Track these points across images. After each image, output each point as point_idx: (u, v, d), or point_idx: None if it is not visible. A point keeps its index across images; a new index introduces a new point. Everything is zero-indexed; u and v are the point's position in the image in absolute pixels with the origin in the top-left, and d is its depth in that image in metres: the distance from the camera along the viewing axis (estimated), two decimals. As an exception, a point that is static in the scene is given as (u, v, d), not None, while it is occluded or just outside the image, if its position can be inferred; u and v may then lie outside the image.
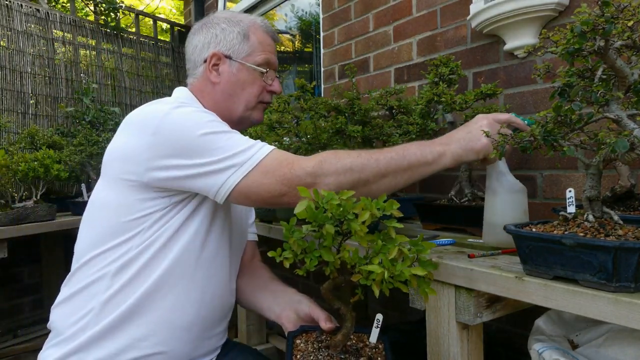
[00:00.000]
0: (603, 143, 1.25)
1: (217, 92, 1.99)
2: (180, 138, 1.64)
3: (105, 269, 1.73)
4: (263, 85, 2.03)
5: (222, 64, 1.98)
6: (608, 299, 1.18)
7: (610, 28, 1.21)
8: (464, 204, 2.26)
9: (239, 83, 1.98)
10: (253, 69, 1.99)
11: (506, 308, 1.62)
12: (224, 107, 1.99)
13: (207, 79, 2.00)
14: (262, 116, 2.10)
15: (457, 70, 2.36)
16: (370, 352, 1.55)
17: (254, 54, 2.00)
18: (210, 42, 2.00)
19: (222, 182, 1.61)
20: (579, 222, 1.34)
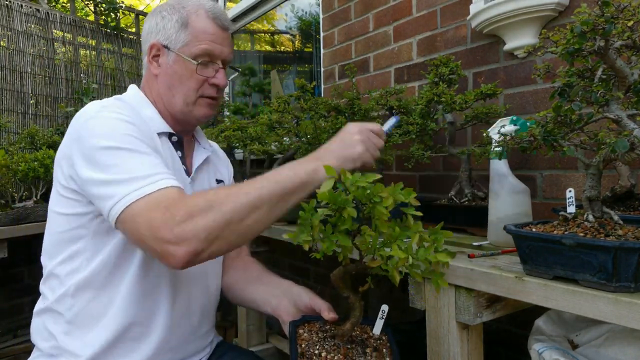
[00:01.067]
0: (603, 143, 1.26)
1: (159, 85, 1.90)
2: (88, 146, 1.57)
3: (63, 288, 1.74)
4: (203, 79, 1.87)
5: (161, 55, 1.88)
6: (608, 299, 1.18)
7: (610, 28, 1.21)
8: (464, 204, 2.26)
9: (176, 76, 1.86)
10: (189, 61, 1.84)
11: (506, 308, 1.62)
12: (166, 101, 1.90)
13: (149, 71, 1.92)
14: (210, 112, 1.95)
15: (457, 70, 2.36)
16: (375, 343, 1.56)
17: (191, 44, 1.84)
18: (152, 32, 1.90)
19: (110, 206, 1.50)
20: (579, 222, 1.34)
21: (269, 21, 6.28)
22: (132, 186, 1.48)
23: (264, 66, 6.33)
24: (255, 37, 6.55)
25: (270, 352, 3.51)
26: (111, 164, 1.53)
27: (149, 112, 1.86)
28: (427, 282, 1.70)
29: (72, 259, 1.73)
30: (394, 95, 2.76)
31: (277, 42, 6.48)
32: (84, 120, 1.65)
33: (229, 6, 6.00)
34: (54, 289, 1.77)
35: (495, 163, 1.88)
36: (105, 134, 1.58)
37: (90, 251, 1.71)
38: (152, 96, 1.92)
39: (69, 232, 1.73)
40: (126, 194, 1.47)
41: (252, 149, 3.37)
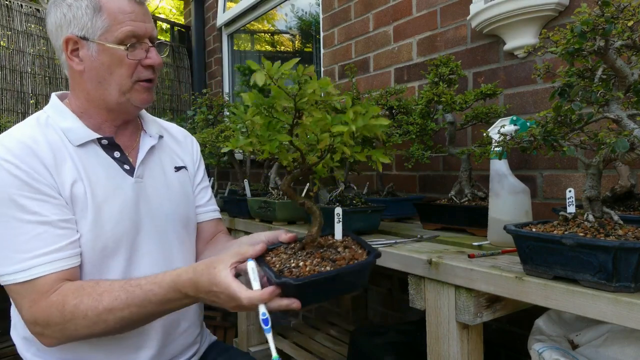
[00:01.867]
0: (603, 143, 1.26)
1: (86, 82, 1.74)
2: None
3: None
4: (135, 62, 1.72)
5: (80, 49, 1.70)
6: (608, 299, 1.18)
7: (610, 28, 1.21)
8: (464, 204, 2.26)
9: (104, 67, 1.70)
10: (116, 48, 1.68)
11: (506, 308, 1.62)
12: (97, 97, 1.75)
13: (73, 69, 1.74)
14: (149, 96, 1.82)
15: (457, 70, 2.36)
16: (343, 244, 1.51)
17: (112, 29, 1.67)
18: (62, 24, 1.70)
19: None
20: (579, 222, 1.34)
21: (269, 21, 6.28)
22: (7, 268, 1.50)
23: (264, 66, 6.31)
24: (255, 37, 6.55)
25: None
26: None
27: (67, 124, 1.74)
28: (427, 282, 1.70)
29: None
30: (394, 95, 2.77)
31: (277, 42, 6.47)
32: None
33: (229, 6, 6.00)
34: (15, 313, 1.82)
35: (495, 163, 1.88)
36: None
37: None
38: (78, 97, 1.79)
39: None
40: (2, 273, 1.51)
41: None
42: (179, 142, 2.12)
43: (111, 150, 1.80)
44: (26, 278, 1.49)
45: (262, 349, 3.44)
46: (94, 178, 1.71)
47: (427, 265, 1.67)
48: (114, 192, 1.74)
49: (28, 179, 1.56)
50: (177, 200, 1.95)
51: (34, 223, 1.54)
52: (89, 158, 1.73)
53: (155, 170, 1.91)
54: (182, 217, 1.97)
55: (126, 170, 1.80)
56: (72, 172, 1.66)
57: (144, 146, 1.90)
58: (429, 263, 1.66)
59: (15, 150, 1.59)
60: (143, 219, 1.81)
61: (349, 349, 2.90)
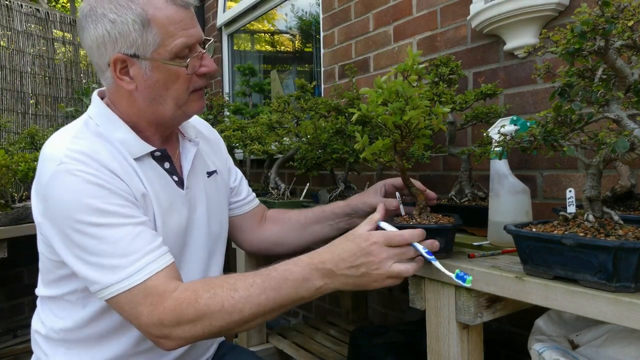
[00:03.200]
0: (603, 143, 1.26)
1: (138, 100, 1.64)
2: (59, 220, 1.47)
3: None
4: (190, 75, 1.63)
5: (131, 67, 1.58)
6: (608, 299, 1.18)
7: (611, 28, 1.21)
8: (464, 204, 2.26)
9: (159, 84, 1.60)
10: (173, 65, 1.59)
11: (506, 308, 1.62)
12: (151, 113, 1.66)
13: (121, 88, 1.63)
14: (203, 103, 1.75)
15: (457, 70, 2.36)
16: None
17: (165, 43, 1.56)
18: (106, 43, 1.56)
19: (94, 290, 1.46)
20: (579, 222, 1.34)
21: (269, 21, 6.28)
22: (115, 276, 1.42)
23: (264, 66, 6.33)
24: (255, 37, 6.55)
25: (270, 352, 3.51)
26: (86, 245, 1.44)
27: (121, 135, 1.65)
28: (427, 282, 1.70)
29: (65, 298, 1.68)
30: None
31: (277, 42, 6.47)
32: (46, 180, 1.49)
33: (229, 5, 6.00)
34: (49, 316, 1.74)
35: (496, 163, 1.87)
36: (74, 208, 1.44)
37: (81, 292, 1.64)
38: (126, 112, 1.69)
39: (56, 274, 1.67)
40: (108, 284, 1.42)
41: (252, 149, 3.37)
42: (209, 142, 2.06)
43: (162, 162, 1.74)
44: (142, 279, 1.42)
45: (262, 348, 3.44)
46: (156, 192, 1.67)
47: (427, 264, 1.67)
48: (171, 206, 1.71)
49: (109, 186, 1.50)
50: (214, 209, 1.93)
51: (130, 225, 1.48)
52: (147, 171, 1.67)
53: (196, 179, 1.86)
54: (221, 229, 1.98)
55: (176, 182, 1.76)
56: (138, 184, 1.62)
57: (187, 154, 1.85)
58: (428, 262, 1.66)
59: (85, 160, 1.51)
60: (189, 235, 1.79)
61: (349, 349, 2.90)
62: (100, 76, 1.69)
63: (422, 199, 1.69)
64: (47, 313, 1.75)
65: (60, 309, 1.70)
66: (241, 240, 2.17)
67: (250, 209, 2.16)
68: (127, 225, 1.47)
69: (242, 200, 2.13)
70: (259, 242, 2.14)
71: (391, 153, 1.64)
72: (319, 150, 2.63)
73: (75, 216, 1.44)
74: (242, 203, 2.13)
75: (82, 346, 1.68)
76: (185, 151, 1.85)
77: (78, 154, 1.51)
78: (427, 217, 1.65)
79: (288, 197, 3.17)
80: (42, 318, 1.77)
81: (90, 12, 1.56)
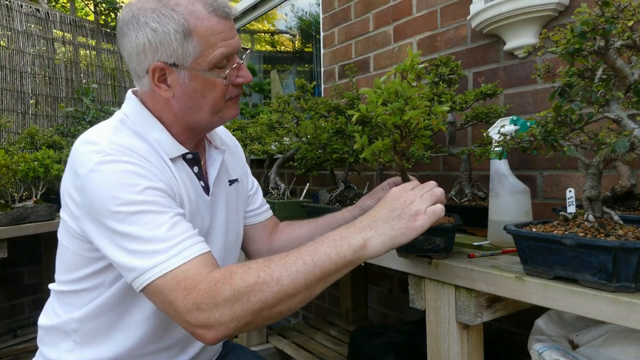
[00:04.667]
0: (603, 143, 1.26)
1: (175, 107, 1.65)
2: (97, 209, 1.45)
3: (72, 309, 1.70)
4: (228, 85, 1.65)
5: (169, 75, 1.59)
6: (608, 299, 1.18)
7: (611, 28, 1.21)
8: (464, 204, 2.26)
9: (196, 93, 1.61)
10: (212, 75, 1.60)
11: (506, 308, 1.62)
12: (187, 120, 1.68)
13: (157, 94, 1.64)
14: (238, 109, 1.77)
15: (457, 70, 2.36)
16: None
17: (205, 54, 1.57)
18: (146, 50, 1.57)
19: (130, 279, 1.42)
20: (579, 222, 1.34)
21: (269, 21, 6.28)
22: (151, 260, 1.37)
23: (264, 66, 6.33)
24: (255, 37, 6.55)
25: (270, 352, 3.51)
26: (126, 231, 1.41)
27: (157, 135, 1.66)
28: (427, 282, 1.70)
29: (87, 292, 1.67)
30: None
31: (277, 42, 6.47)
32: (88, 170, 1.47)
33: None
34: (64, 309, 1.73)
35: (496, 163, 1.88)
36: (113, 196, 1.43)
37: (105, 284, 1.63)
38: (162, 117, 1.69)
39: (84, 270, 1.65)
40: (146, 269, 1.38)
41: (252, 149, 3.37)
42: (232, 151, 2.05)
43: (192, 165, 1.74)
44: (177, 264, 1.37)
45: (262, 348, 3.45)
46: (188, 193, 1.67)
47: (427, 265, 1.67)
48: (198, 211, 1.71)
49: (151, 176, 1.50)
50: (234, 218, 1.93)
51: (169, 214, 1.46)
52: (181, 172, 1.68)
53: (219, 187, 1.85)
54: (237, 237, 1.98)
55: (202, 188, 1.76)
56: (174, 182, 1.62)
57: (214, 161, 1.85)
58: (429, 263, 1.66)
59: (128, 152, 1.52)
60: (210, 241, 1.78)
61: (349, 349, 2.91)
62: (136, 81, 1.69)
63: None
64: (61, 305, 1.75)
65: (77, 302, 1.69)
66: (252, 251, 2.14)
67: (263, 219, 2.14)
68: (166, 213, 1.46)
69: (256, 209, 2.12)
70: (268, 252, 2.07)
71: (391, 153, 1.64)
72: (319, 150, 2.63)
73: (115, 204, 1.42)
74: (255, 213, 2.12)
75: (92, 339, 1.68)
76: (212, 158, 1.85)
77: (121, 147, 1.52)
78: None
79: (288, 197, 3.17)
80: (55, 310, 1.76)
81: (132, 20, 1.57)
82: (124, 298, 1.62)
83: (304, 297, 1.37)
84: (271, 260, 1.37)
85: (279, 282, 1.32)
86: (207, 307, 1.32)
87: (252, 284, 1.32)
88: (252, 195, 2.12)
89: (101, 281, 1.63)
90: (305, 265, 1.34)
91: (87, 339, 1.68)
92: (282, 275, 1.33)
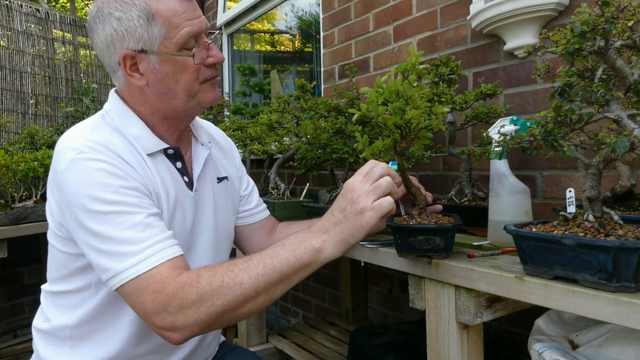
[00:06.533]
0: (603, 143, 1.26)
1: (150, 96, 1.67)
2: (73, 206, 1.48)
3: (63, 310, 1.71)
4: (198, 65, 1.65)
5: (140, 62, 1.61)
6: (608, 299, 1.18)
7: (610, 28, 1.21)
8: (464, 204, 2.26)
9: (168, 78, 1.63)
10: (181, 56, 1.61)
11: (506, 308, 1.62)
12: (164, 108, 1.69)
13: (132, 85, 1.67)
14: (216, 93, 1.76)
15: (457, 70, 2.36)
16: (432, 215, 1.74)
17: (170, 35, 1.59)
18: (114, 41, 1.60)
19: (105, 278, 1.45)
20: (579, 222, 1.34)
21: (269, 21, 6.28)
22: (124, 263, 1.41)
23: (264, 66, 6.33)
24: (255, 37, 6.55)
25: (270, 352, 3.51)
26: (99, 231, 1.44)
27: (136, 130, 1.68)
28: (427, 282, 1.70)
29: (76, 293, 1.69)
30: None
31: (277, 42, 6.47)
32: (63, 168, 1.51)
33: (229, 6, 6.00)
34: (58, 311, 1.74)
35: (495, 163, 1.88)
36: (87, 194, 1.46)
37: (92, 285, 1.65)
38: (142, 110, 1.72)
39: (70, 267, 1.67)
40: (118, 271, 1.41)
41: (252, 149, 3.37)
42: (223, 149, 2.07)
43: (174, 160, 1.76)
44: (148, 267, 1.40)
45: (262, 348, 3.45)
46: (166, 189, 1.68)
47: (427, 265, 1.67)
48: (179, 206, 1.72)
49: (125, 176, 1.53)
50: (223, 216, 1.94)
51: (142, 214, 1.48)
52: (160, 167, 1.69)
53: (206, 183, 1.87)
54: (227, 235, 1.98)
55: (186, 183, 1.77)
56: (152, 179, 1.64)
57: (199, 157, 1.86)
58: (429, 263, 1.66)
59: (102, 150, 1.54)
60: (196, 237, 1.80)
61: (349, 349, 2.91)
62: (112, 77, 1.73)
63: (422, 199, 1.69)
64: (53, 309, 1.75)
65: (69, 304, 1.70)
66: (250, 250, 2.15)
67: (260, 219, 2.15)
68: (139, 214, 1.48)
69: (251, 209, 2.13)
70: None
71: (391, 153, 1.64)
72: (319, 150, 2.63)
73: (89, 203, 1.45)
74: (251, 212, 2.13)
75: (86, 342, 1.68)
76: (197, 154, 1.87)
77: (96, 144, 1.54)
78: (427, 217, 1.65)
79: (288, 197, 3.17)
80: (47, 314, 1.77)
81: (98, 14, 1.60)
82: (113, 300, 1.63)
83: (265, 299, 1.44)
84: (235, 264, 1.44)
85: (241, 285, 1.39)
86: (174, 310, 1.37)
87: (217, 287, 1.39)
88: (247, 195, 2.14)
89: (88, 282, 1.65)
90: (266, 268, 1.42)
91: (82, 342, 1.70)
92: (244, 279, 1.40)
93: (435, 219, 1.67)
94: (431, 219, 1.65)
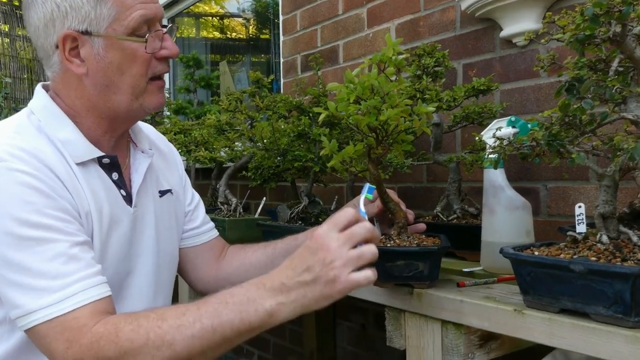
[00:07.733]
0: (619, 149, 1.26)
1: (89, 88, 1.63)
2: None
3: None
4: (149, 56, 1.64)
5: (82, 46, 1.58)
6: (625, 336, 1.18)
7: (628, 10, 1.21)
8: (452, 222, 2.27)
9: (113, 67, 1.60)
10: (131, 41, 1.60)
11: (503, 347, 1.62)
12: (103, 105, 1.66)
13: (69, 72, 1.62)
14: (162, 98, 1.75)
15: (444, 61, 2.37)
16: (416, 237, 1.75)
17: (121, 17, 1.57)
18: (54, 19, 1.56)
19: (15, 315, 1.42)
20: (591, 244, 1.34)
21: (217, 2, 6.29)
22: (39, 301, 1.37)
23: (211, 56, 6.33)
24: (201, 22, 6.55)
25: None
26: (14, 259, 1.41)
27: (64, 135, 1.63)
28: (408, 316, 1.69)
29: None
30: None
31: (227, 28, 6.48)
32: None
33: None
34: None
35: (490, 173, 1.88)
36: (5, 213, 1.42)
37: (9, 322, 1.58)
38: (73, 105, 1.68)
39: None
40: (31, 310, 1.37)
41: (198, 156, 3.35)
42: (165, 157, 2.05)
43: (110, 171, 1.72)
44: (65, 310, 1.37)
45: None
46: (99, 206, 1.64)
47: (407, 295, 1.66)
48: (114, 225, 1.68)
49: (52, 194, 1.49)
50: (165, 235, 1.91)
51: (67, 243, 1.44)
52: (92, 179, 1.65)
53: (146, 197, 1.84)
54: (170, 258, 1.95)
55: (123, 197, 1.74)
56: (81, 193, 1.60)
57: (138, 167, 1.84)
58: (410, 293, 1.65)
59: (29, 160, 1.50)
60: (135, 260, 1.78)
61: (314, 399, 2.90)
62: (45, 64, 1.69)
63: (402, 216, 1.69)
64: None
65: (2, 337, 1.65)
66: (194, 280, 2.12)
67: (207, 239, 2.12)
68: (63, 242, 1.44)
69: (196, 228, 2.10)
70: (215, 281, 2.05)
71: (364, 161, 1.64)
72: (278, 158, 2.63)
73: (6, 223, 1.42)
74: (196, 232, 2.09)
75: None
76: (137, 163, 1.84)
77: (21, 152, 1.50)
78: (407, 238, 1.64)
79: (241, 213, 3.15)
80: None
81: None
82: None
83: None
84: (164, 318, 1.39)
85: (171, 346, 1.35)
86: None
87: (141, 345, 1.34)
88: (191, 211, 2.11)
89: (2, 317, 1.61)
90: (203, 330, 1.36)
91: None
92: (176, 339, 1.35)
93: (418, 240, 1.67)
94: (413, 240, 1.65)
